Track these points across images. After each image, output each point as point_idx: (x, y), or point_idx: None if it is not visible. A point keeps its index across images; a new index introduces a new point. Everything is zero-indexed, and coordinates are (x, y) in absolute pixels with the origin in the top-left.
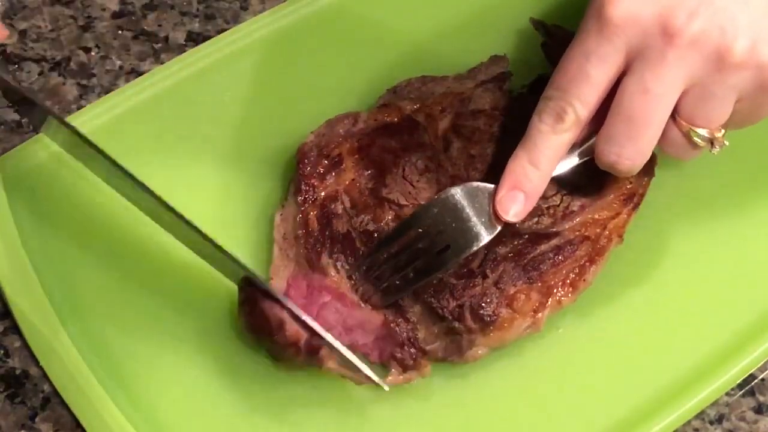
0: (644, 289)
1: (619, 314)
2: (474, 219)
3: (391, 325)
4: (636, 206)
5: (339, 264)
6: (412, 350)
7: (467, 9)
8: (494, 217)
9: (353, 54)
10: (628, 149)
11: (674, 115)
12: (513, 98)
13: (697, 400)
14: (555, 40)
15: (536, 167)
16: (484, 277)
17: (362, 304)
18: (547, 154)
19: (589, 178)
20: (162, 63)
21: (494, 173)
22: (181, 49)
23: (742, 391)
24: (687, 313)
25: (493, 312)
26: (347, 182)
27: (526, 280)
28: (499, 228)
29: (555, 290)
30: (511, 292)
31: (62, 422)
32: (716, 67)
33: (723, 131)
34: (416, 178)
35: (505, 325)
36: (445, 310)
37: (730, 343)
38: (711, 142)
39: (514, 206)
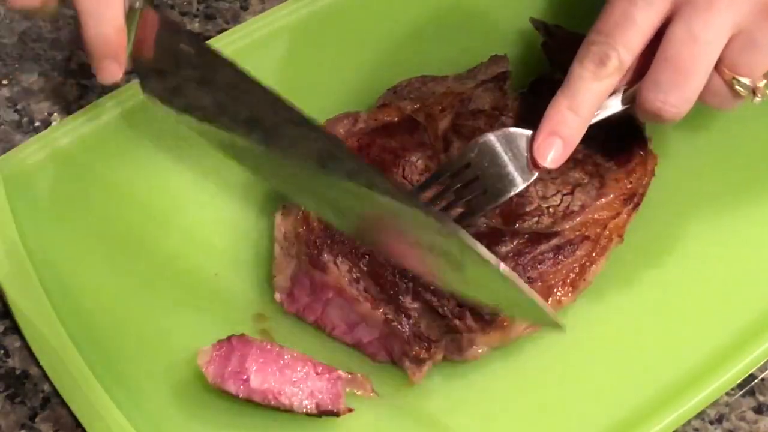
0: (644, 289)
1: (619, 314)
2: (510, 165)
3: (393, 323)
4: (636, 206)
5: (339, 260)
6: (423, 344)
7: (467, 9)
8: (531, 163)
9: (353, 54)
10: (675, 96)
11: (718, 64)
12: (513, 98)
13: (697, 400)
14: (555, 39)
15: (576, 113)
16: None
17: (362, 300)
18: (588, 99)
19: (591, 176)
20: None
21: None
22: None
23: (742, 391)
24: (687, 312)
25: (494, 312)
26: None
27: (526, 280)
28: (536, 174)
29: (555, 290)
30: None
31: (62, 422)
32: (763, 16)
33: (766, 81)
34: (416, 177)
35: (505, 324)
36: (445, 308)
37: (730, 343)
38: (753, 91)
39: (552, 152)
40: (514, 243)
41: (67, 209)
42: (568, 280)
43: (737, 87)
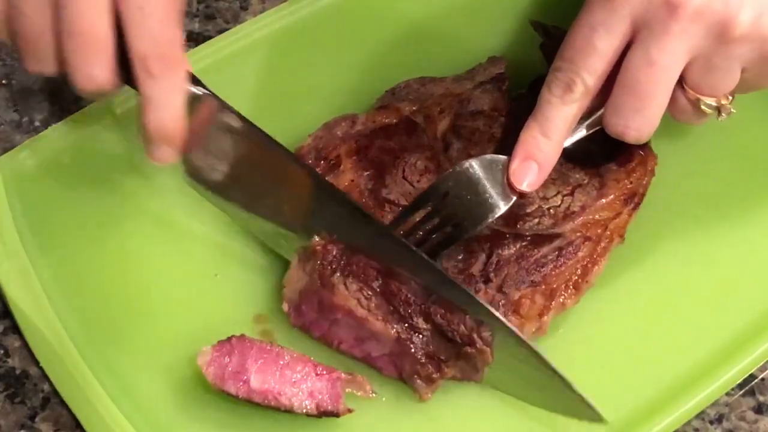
0: (644, 289)
1: (620, 314)
2: (489, 190)
3: (405, 342)
4: (636, 206)
5: (349, 281)
6: (435, 363)
7: (466, 10)
8: (508, 188)
9: (351, 55)
10: (636, 120)
11: (682, 84)
12: (512, 99)
13: (697, 400)
14: (554, 40)
15: (548, 137)
16: (487, 281)
17: (373, 319)
18: (558, 124)
19: (591, 177)
20: None
21: None
22: None
23: (742, 391)
24: (687, 312)
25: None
26: (346, 183)
27: (529, 284)
28: (514, 199)
29: (558, 293)
30: (516, 297)
31: (62, 422)
32: (720, 40)
33: (731, 98)
34: (416, 178)
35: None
36: (455, 333)
37: (730, 343)
38: (718, 109)
39: (528, 176)
40: (517, 246)
41: (67, 210)
42: (571, 283)
43: (703, 107)
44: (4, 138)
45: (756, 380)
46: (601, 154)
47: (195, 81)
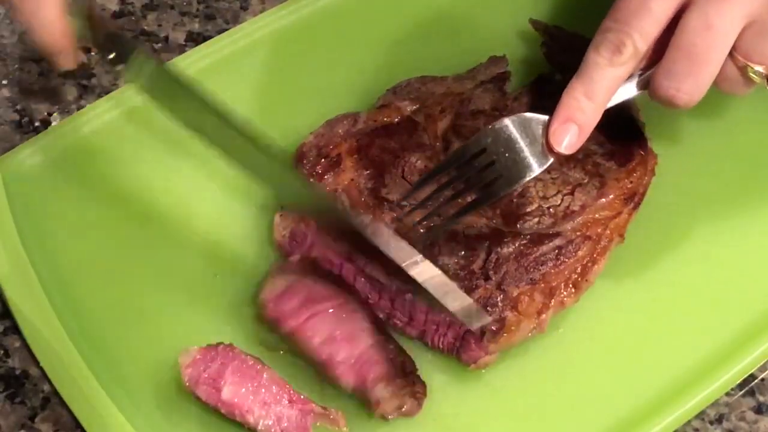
0: (645, 289)
1: (620, 314)
2: (526, 150)
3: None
4: (637, 205)
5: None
6: (399, 381)
7: (467, 9)
8: (547, 148)
9: (353, 54)
10: (688, 84)
11: (731, 51)
12: (513, 99)
13: (697, 400)
14: (555, 40)
15: (591, 99)
16: (487, 278)
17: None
18: (603, 86)
19: (591, 176)
20: None
21: None
22: (181, 49)
23: (742, 391)
24: (687, 312)
25: (500, 316)
26: (346, 182)
27: (528, 282)
28: (551, 160)
29: (558, 291)
30: (515, 294)
31: (62, 422)
32: None
33: None
34: (416, 177)
35: (512, 328)
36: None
37: (730, 343)
38: (767, 78)
39: (568, 138)
40: (516, 244)
41: (67, 210)
42: (571, 282)
43: (751, 74)
44: (4, 138)
45: (756, 380)
46: (601, 154)
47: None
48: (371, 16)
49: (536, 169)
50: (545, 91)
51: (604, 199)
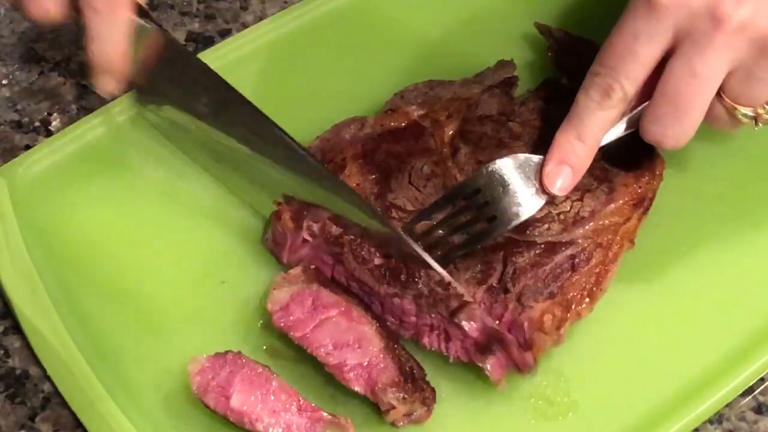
0: (654, 293)
1: (629, 319)
2: (521, 190)
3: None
4: (646, 210)
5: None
6: (409, 386)
7: (473, 14)
8: (541, 189)
9: (361, 58)
10: (675, 129)
11: (719, 93)
12: (519, 103)
13: (707, 405)
14: (560, 44)
15: (583, 142)
16: (506, 291)
17: (365, 321)
18: (594, 129)
19: (599, 182)
20: None
21: None
22: None
23: (742, 391)
24: (697, 317)
25: (527, 339)
26: (352, 186)
27: (548, 296)
28: (545, 199)
29: (574, 302)
30: (538, 314)
31: (62, 422)
32: (762, 53)
33: (766, 108)
34: (422, 183)
35: (538, 347)
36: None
37: (739, 349)
38: (755, 119)
39: (561, 179)
40: (531, 253)
41: (72, 216)
42: (586, 292)
43: (739, 116)
44: (4, 138)
45: (756, 380)
46: (609, 160)
47: (143, 14)
48: (379, 21)
49: (531, 208)
50: (552, 96)
51: (613, 205)
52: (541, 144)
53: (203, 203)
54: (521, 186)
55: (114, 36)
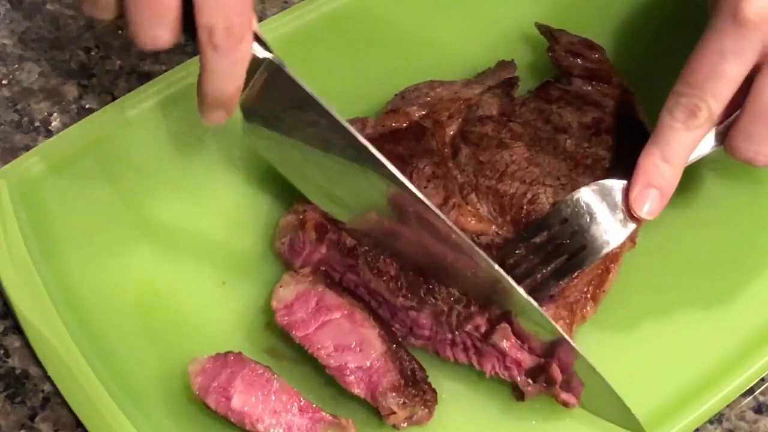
0: (654, 294)
1: (629, 319)
2: (608, 217)
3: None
4: None
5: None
6: (411, 390)
7: (474, 14)
8: (628, 215)
9: (361, 58)
10: (766, 146)
11: None
12: (520, 104)
13: (706, 407)
14: (560, 44)
15: (669, 164)
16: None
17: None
18: (680, 150)
19: None
20: (162, 63)
21: (504, 180)
22: (181, 49)
23: (743, 391)
24: (697, 317)
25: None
26: None
27: (550, 300)
28: (633, 225)
29: (576, 306)
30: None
31: (62, 422)
32: None
33: None
34: (423, 184)
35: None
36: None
37: (740, 350)
38: None
39: (649, 203)
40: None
41: (73, 216)
42: (588, 294)
43: None
44: (4, 138)
45: (756, 380)
46: (610, 160)
47: (260, 41)
48: (379, 21)
49: (621, 235)
50: (552, 96)
51: None
52: (546, 147)
53: (206, 204)
54: (607, 213)
55: (235, 74)
